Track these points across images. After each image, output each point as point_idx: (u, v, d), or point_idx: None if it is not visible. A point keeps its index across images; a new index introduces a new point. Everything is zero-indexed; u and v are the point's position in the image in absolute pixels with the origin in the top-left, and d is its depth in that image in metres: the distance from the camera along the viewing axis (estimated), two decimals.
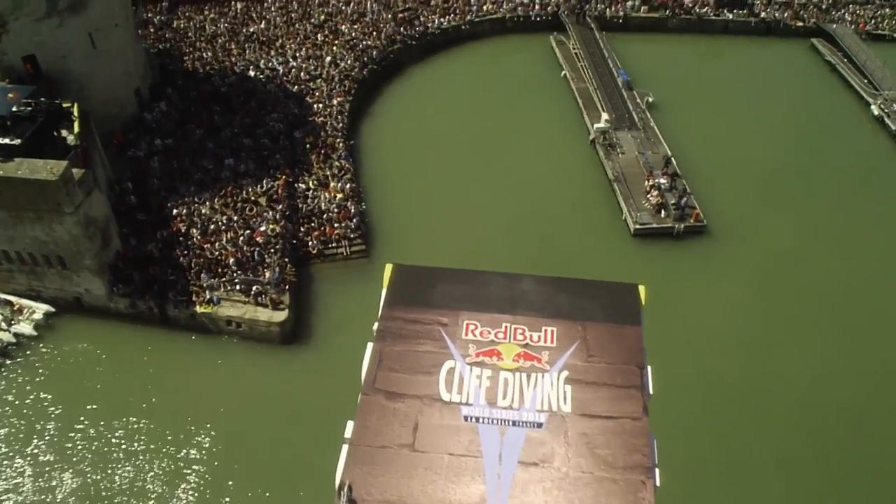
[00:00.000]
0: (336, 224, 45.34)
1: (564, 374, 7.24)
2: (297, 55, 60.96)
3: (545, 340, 7.46)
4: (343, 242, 44.68)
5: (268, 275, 40.53)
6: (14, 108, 38.20)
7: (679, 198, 48.74)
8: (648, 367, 7.44)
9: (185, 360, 39.24)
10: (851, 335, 41.19)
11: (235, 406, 36.50)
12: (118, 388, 37.54)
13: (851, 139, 59.06)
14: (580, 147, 55.61)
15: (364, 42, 63.38)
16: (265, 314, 39.31)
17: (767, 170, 53.37)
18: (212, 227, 43.35)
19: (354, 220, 45.54)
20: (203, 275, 40.44)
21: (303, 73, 58.64)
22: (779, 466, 34.49)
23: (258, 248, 41.97)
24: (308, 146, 51.11)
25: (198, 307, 39.41)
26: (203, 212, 44.33)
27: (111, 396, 37.06)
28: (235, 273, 40.65)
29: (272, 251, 42.01)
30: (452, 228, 46.58)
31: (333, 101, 55.65)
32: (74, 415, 36.09)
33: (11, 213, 37.28)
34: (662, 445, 7.04)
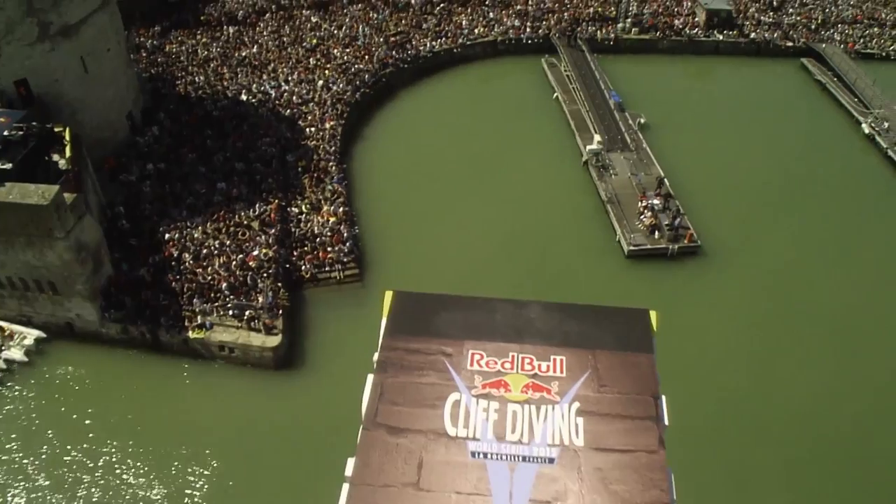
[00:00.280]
0: (329, 248, 45.13)
1: (576, 406, 6.94)
2: (290, 79, 60.99)
3: (554, 370, 7.17)
4: (336, 266, 44.44)
5: (261, 299, 40.28)
6: (5, 133, 38.07)
7: (672, 218, 48.68)
8: (663, 397, 7.17)
9: (178, 386, 38.87)
10: (849, 351, 41.14)
11: (229, 432, 36.07)
12: (110, 415, 37.11)
13: (843, 157, 59.21)
14: (573, 169, 55.62)
15: (356, 66, 63.47)
16: (258, 339, 39.01)
17: (760, 189, 53.48)
18: (204, 252, 43.12)
19: (347, 244, 45.34)
20: (195, 300, 40.16)
21: (295, 97, 58.66)
22: (788, 489, 34.31)
23: (251, 273, 41.72)
24: (300, 170, 50.99)
25: (190, 332, 39.09)
26: (195, 236, 44.12)
27: (103, 423, 36.63)
28: (228, 298, 40.38)
29: (265, 276, 41.78)
30: (446, 251, 46.41)
31: (326, 125, 55.61)
32: (66, 441, 35.65)
33: (2, 238, 37.04)
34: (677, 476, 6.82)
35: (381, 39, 67.65)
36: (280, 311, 40.23)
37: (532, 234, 48.15)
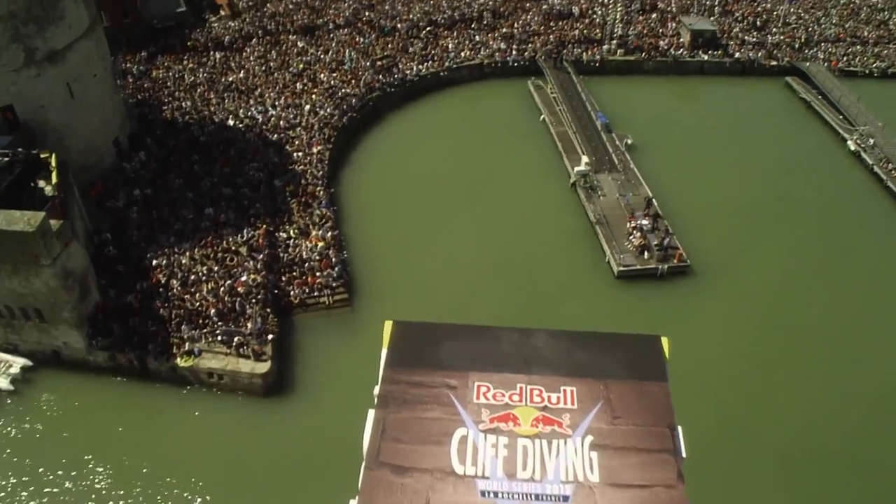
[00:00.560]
0: (318, 273, 44.85)
1: (589, 440, 6.64)
2: (277, 104, 60.93)
3: (565, 402, 6.88)
4: (325, 292, 44.12)
5: (249, 325, 39.93)
6: None
7: (661, 239, 48.72)
8: (679, 428, 6.89)
9: (166, 414, 38.42)
10: (842, 366, 41.17)
11: (218, 461, 35.61)
12: (97, 444, 36.59)
13: (829, 174, 59.51)
14: (561, 190, 55.65)
15: (343, 90, 63.49)
16: (247, 366, 38.62)
17: (748, 207, 53.65)
18: (192, 278, 42.79)
19: (336, 269, 45.08)
20: (184, 326, 39.79)
21: (282, 122, 58.57)
22: None
23: (239, 299, 41.40)
24: (288, 195, 50.79)
25: (178, 359, 38.69)
26: (183, 262, 43.79)
27: (90, 452, 36.08)
28: (216, 324, 40.02)
29: (253, 301, 41.46)
30: (436, 274, 46.22)
31: (313, 150, 55.49)
32: (52, 471, 35.09)
33: None
34: None
35: (368, 63, 67.75)
36: (269, 338, 39.87)
37: (521, 257, 48.05)
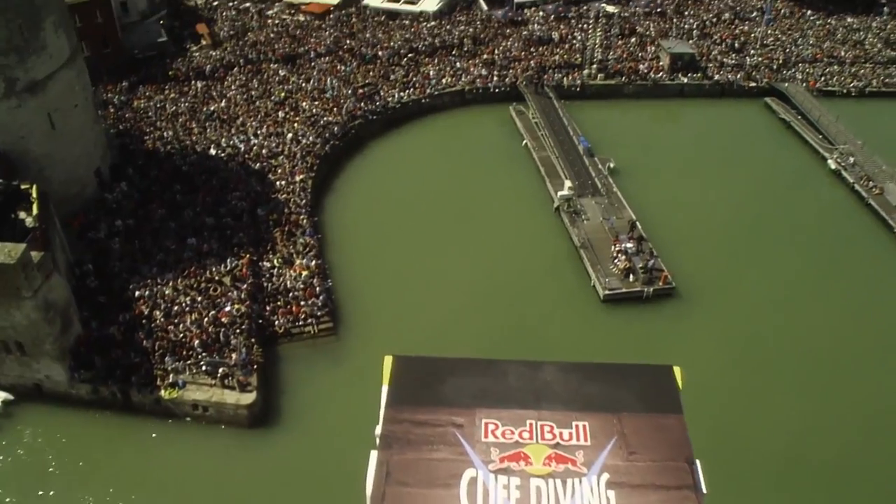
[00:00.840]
0: (302, 302, 44.54)
1: (605, 478, 6.32)
2: (259, 133, 60.77)
3: (578, 438, 6.55)
4: (310, 321, 43.83)
5: (234, 356, 39.54)
6: None
7: (646, 261, 48.80)
8: (698, 462, 6.58)
9: (151, 448, 37.88)
10: (832, 384, 41.39)
11: (204, 494, 35.18)
12: (80, 478, 36.08)
13: (811, 193, 59.95)
14: (545, 215, 55.71)
15: (325, 118, 63.46)
16: (232, 397, 38.21)
17: (731, 227, 53.99)
18: (175, 309, 42.41)
19: (321, 298, 44.80)
20: (167, 358, 39.39)
21: (264, 151, 58.41)
22: None
23: (223, 329, 41.03)
24: (272, 223, 50.57)
25: (162, 392, 38.23)
26: (166, 293, 43.40)
27: (73, 487, 35.60)
28: (201, 355, 39.60)
29: (238, 332, 41.09)
30: (421, 302, 46.04)
31: (296, 178, 55.34)
32: None
33: None
34: None
35: (350, 91, 67.81)
36: (254, 368, 39.52)
37: (507, 282, 47.95)
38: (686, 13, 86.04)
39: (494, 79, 72.43)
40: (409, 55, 74.42)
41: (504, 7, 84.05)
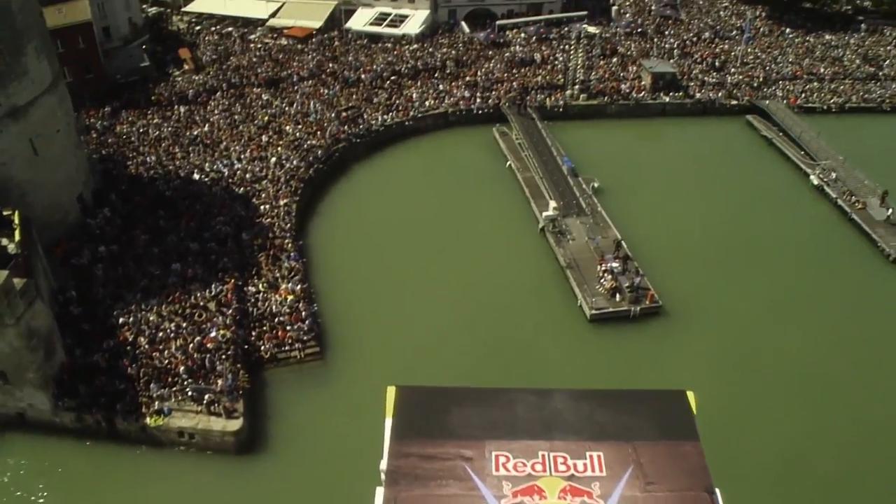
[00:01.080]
0: (288, 327, 44.22)
1: None
2: (242, 157, 60.60)
3: (593, 469, 6.29)
4: (296, 345, 43.51)
5: (220, 382, 39.14)
6: None
7: (632, 280, 48.86)
8: (717, 491, 6.33)
9: (136, 476, 37.29)
10: (820, 400, 41.41)
11: None
12: None
13: (794, 209, 60.34)
14: (530, 236, 55.75)
15: (309, 141, 63.39)
16: (219, 424, 37.79)
17: (716, 245, 54.28)
18: (160, 335, 42.01)
19: (307, 322, 44.50)
20: (152, 385, 38.93)
21: (248, 175, 58.20)
22: None
23: (209, 355, 40.63)
24: (256, 248, 50.29)
25: (148, 419, 37.77)
26: (151, 319, 43.01)
27: None
28: (186, 382, 39.20)
29: (223, 357, 40.71)
30: (408, 324, 45.87)
31: (280, 202, 55.13)
32: None
33: None
34: None
35: (333, 115, 67.84)
36: (240, 394, 39.13)
37: (493, 304, 47.86)
38: (667, 33, 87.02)
39: (477, 101, 72.77)
40: (392, 78, 74.69)
41: (486, 29, 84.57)
